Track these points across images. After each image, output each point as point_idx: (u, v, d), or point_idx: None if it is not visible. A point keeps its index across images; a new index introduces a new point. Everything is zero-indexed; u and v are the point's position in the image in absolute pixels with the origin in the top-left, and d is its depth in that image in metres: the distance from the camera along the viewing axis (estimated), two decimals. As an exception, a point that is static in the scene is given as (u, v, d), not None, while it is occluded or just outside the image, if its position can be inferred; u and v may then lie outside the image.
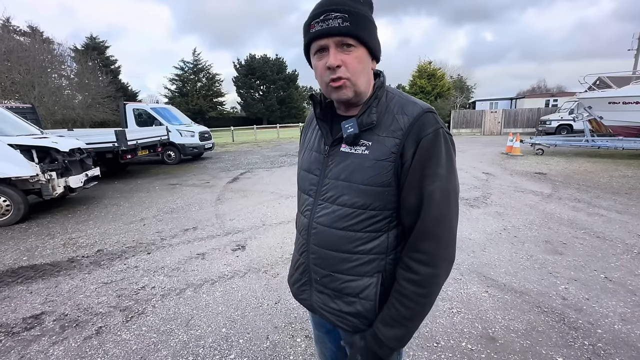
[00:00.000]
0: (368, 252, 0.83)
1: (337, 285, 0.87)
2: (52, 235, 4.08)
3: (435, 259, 0.76)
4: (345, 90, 0.77)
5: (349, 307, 0.86)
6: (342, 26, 0.71)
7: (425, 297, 0.78)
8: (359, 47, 0.74)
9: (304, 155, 0.96)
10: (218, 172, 8.57)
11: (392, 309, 0.80)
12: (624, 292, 2.44)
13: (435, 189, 0.74)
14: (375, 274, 0.84)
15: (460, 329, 2.11)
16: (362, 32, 0.73)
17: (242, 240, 3.75)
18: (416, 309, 0.78)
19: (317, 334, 1.12)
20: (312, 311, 0.97)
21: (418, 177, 0.75)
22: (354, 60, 0.74)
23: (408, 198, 0.77)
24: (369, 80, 0.80)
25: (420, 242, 0.77)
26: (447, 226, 0.77)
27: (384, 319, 0.81)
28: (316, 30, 0.73)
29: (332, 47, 0.74)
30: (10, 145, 4.48)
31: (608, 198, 4.91)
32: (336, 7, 0.71)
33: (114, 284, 2.83)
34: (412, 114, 0.77)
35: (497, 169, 7.67)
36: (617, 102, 9.04)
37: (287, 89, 46.17)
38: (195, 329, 2.20)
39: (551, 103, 24.66)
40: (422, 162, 0.75)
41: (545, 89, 46.92)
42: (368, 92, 0.82)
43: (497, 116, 19.24)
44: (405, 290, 0.78)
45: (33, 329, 2.24)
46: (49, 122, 16.33)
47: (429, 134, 0.75)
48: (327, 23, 0.72)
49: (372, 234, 0.82)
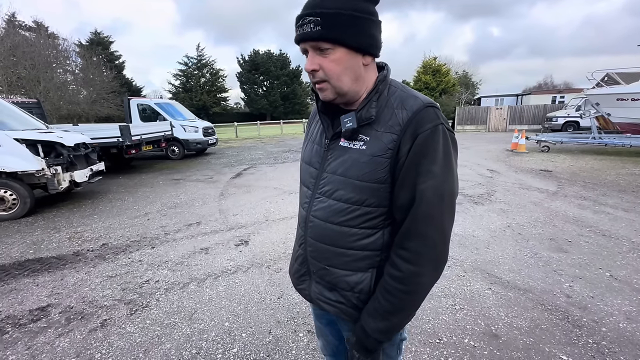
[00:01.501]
0: (363, 249, 0.82)
1: (332, 278, 0.88)
2: (58, 229, 4.12)
3: (419, 258, 0.74)
4: (327, 92, 0.77)
5: (344, 299, 0.87)
6: (314, 31, 0.71)
7: (407, 294, 0.77)
8: (336, 49, 0.72)
9: (306, 148, 0.96)
10: (221, 168, 8.60)
11: (376, 301, 0.80)
12: (629, 291, 2.41)
13: (428, 188, 0.72)
14: (370, 270, 0.84)
15: (463, 326, 2.10)
16: (337, 33, 0.71)
17: (245, 235, 3.77)
18: (398, 305, 0.78)
19: (318, 326, 1.13)
20: (311, 301, 0.97)
21: (412, 174, 0.73)
22: (331, 64, 0.74)
23: (400, 195, 0.76)
24: (357, 78, 0.77)
25: (406, 239, 0.75)
26: (437, 226, 0.74)
27: (369, 310, 0.82)
28: (296, 35, 0.75)
29: (310, 52, 0.75)
30: (17, 139, 4.52)
31: (614, 196, 4.85)
32: (311, 12, 0.71)
33: (119, 277, 2.86)
34: (411, 109, 0.75)
35: (501, 166, 7.61)
36: (626, 98, 8.90)
37: (290, 84, 46.07)
38: (198, 322, 2.22)
39: (558, 100, 24.39)
40: (416, 159, 0.72)
41: (552, 85, 46.43)
42: (360, 90, 0.79)
43: (502, 113, 19.05)
44: (388, 285, 0.78)
45: (39, 320, 2.27)
46: (54, 117, 16.46)
47: (427, 130, 0.72)
48: (302, 28, 0.73)
49: (368, 230, 0.81)
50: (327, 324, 1.09)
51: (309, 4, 0.73)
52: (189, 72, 43.60)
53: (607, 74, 10.47)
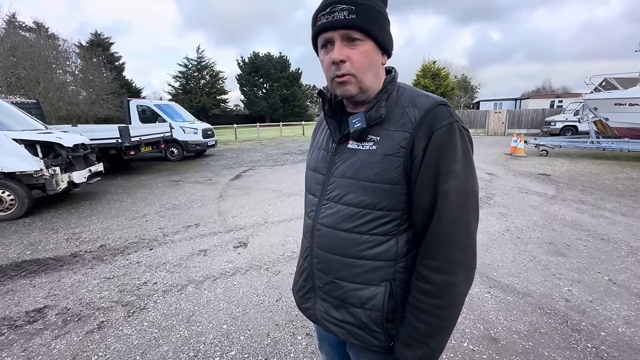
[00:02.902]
0: (375, 258, 0.76)
1: (341, 293, 0.81)
2: (56, 230, 4.10)
3: (452, 265, 0.69)
4: (350, 87, 0.74)
5: (352, 317, 0.80)
6: (348, 19, 0.68)
7: (443, 308, 0.70)
8: (366, 41, 0.71)
9: (312, 155, 0.93)
10: (221, 170, 8.59)
11: (409, 326, 0.73)
12: (628, 295, 2.41)
13: (451, 188, 0.68)
14: (383, 283, 0.77)
15: (462, 329, 2.10)
16: (369, 24, 0.70)
17: (244, 237, 3.75)
18: (436, 324, 0.70)
19: (320, 345, 1.06)
20: (315, 322, 0.90)
21: (431, 175, 0.70)
22: (360, 55, 0.71)
23: (420, 198, 0.71)
24: (377, 75, 0.76)
25: (434, 247, 0.70)
26: (464, 229, 0.70)
27: (403, 338, 0.74)
28: (322, 23, 0.71)
29: (337, 41, 0.71)
30: (15, 140, 4.50)
31: (613, 200, 4.86)
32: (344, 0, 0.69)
33: (116, 279, 2.84)
34: (423, 107, 0.73)
35: (500, 169, 7.62)
36: (624, 103, 8.94)
37: (290, 87, 46.18)
38: (196, 325, 2.21)
39: (556, 104, 24.47)
40: (435, 158, 0.69)
41: (550, 89, 46.62)
42: (376, 89, 0.78)
43: (501, 116, 19.11)
44: (420, 303, 0.71)
45: (36, 322, 2.25)
46: (53, 117, 16.43)
47: (443, 127, 0.70)
48: (332, 15, 0.69)
49: (380, 237, 0.75)
50: (330, 346, 1.01)
51: None
52: (188, 74, 43.65)
53: (605, 79, 10.50)
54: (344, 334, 0.82)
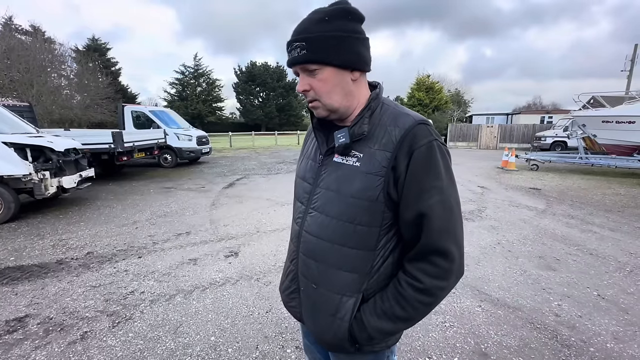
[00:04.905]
0: (351, 270, 0.81)
1: (317, 298, 0.87)
2: (42, 236, 4.01)
3: (445, 273, 0.75)
4: (319, 110, 0.81)
5: (326, 323, 0.85)
6: (300, 55, 0.76)
7: (426, 305, 0.77)
8: (323, 69, 0.76)
9: (301, 163, 0.98)
10: (214, 177, 8.54)
11: (387, 302, 0.78)
12: (616, 311, 2.43)
13: (436, 203, 0.73)
14: (355, 295, 0.82)
15: (453, 344, 2.08)
16: (321, 55, 0.75)
17: (236, 246, 3.71)
18: (412, 314, 0.77)
19: (306, 343, 1.11)
20: (300, 320, 0.96)
21: (415, 192, 0.74)
22: (319, 83, 0.78)
23: (406, 213, 0.76)
24: (347, 94, 0.80)
25: (427, 255, 0.75)
26: (453, 239, 0.75)
27: (376, 309, 0.80)
28: (288, 59, 0.80)
29: (300, 74, 0.80)
30: (5, 143, 4.43)
31: (601, 215, 4.95)
32: (297, 37, 0.76)
33: (102, 287, 2.77)
34: (403, 126, 0.76)
35: (492, 183, 7.72)
36: (611, 121, 9.21)
37: (286, 96, 46.53)
38: (183, 336, 2.15)
39: (546, 120, 25.07)
40: (417, 175, 0.74)
41: (540, 105, 47.82)
42: (352, 105, 0.82)
43: (493, 131, 19.48)
44: (406, 293, 0.76)
45: (16, 332, 2.17)
46: (46, 121, 16.21)
47: (422, 146, 0.74)
48: (291, 54, 0.78)
49: (357, 251, 0.80)
50: (314, 341, 1.06)
51: (296, 30, 0.78)
52: (185, 81, 43.74)
53: (593, 97, 10.82)
54: (317, 335, 0.89)
